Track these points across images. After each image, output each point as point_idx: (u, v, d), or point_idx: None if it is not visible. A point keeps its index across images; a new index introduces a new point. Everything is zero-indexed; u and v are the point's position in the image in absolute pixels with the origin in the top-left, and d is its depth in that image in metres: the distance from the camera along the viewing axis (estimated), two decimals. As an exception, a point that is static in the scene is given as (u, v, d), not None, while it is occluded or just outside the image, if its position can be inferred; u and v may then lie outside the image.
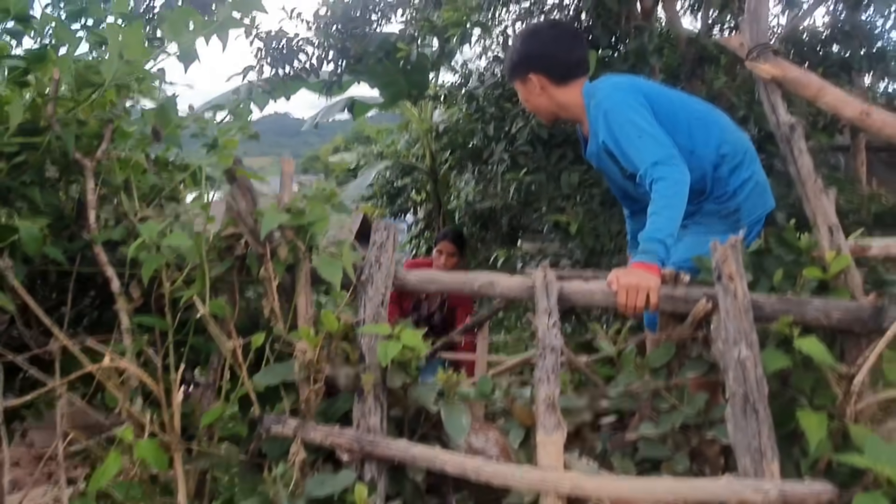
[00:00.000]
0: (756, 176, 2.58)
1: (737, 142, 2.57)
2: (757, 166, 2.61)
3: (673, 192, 2.30)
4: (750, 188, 2.56)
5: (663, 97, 2.58)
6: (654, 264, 2.19)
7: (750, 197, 2.56)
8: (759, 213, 2.59)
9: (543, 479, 1.84)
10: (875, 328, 1.99)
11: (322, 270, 2.10)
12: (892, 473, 1.67)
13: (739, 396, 1.87)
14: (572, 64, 2.65)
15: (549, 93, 2.67)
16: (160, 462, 1.95)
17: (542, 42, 2.70)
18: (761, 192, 2.60)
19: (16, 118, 2.06)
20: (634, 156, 2.42)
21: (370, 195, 9.20)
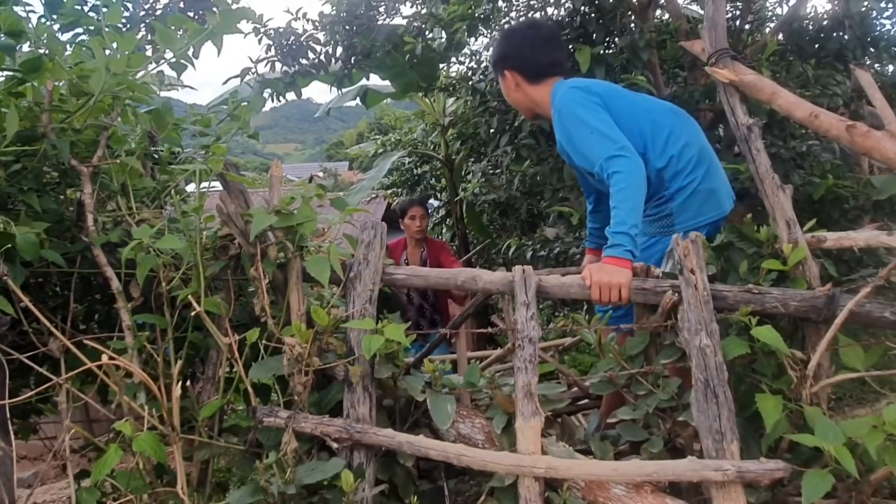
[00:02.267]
0: (697, 184, 2.57)
1: (685, 148, 2.59)
2: (701, 174, 2.58)
3: (629, 183, 2.37)
4: (686, 196, 2.56)
5: (619, 99, 2.64)
6: (624, 258, 2.28)
7: (685, 204, 2.57)
8: (699, 220, 2.57)
9: (520, 463, 1.95)
10: (830, 316, 2.09)
11: (311, 269, 2.19)
12: (837, 451, 1.78)
13: (701, 382, 1.98)
14: (546, 63, 2.74)
15: (524, 90, 2.77)
16: (159, 454, 2.04)
17: (518, 42, 2.81)
18: (702, 201, 2.58)
19: (12, 127, 2.12)
20: (588, 153, 2.51)
21: (391, 183, 9.32)
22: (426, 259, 5.19)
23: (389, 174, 8.95)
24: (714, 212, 2.61)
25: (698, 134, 2.70)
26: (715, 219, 2.62)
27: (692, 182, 2.56)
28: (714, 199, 2.62)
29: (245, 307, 2.43)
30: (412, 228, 5.17)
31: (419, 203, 5.33)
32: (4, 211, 2.28)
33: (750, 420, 2.13)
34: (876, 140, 2.19)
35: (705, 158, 2.63)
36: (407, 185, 9.13)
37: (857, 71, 2.38)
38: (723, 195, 2.66)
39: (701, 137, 2.70)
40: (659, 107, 2.74)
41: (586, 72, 3.92)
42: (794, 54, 4.93)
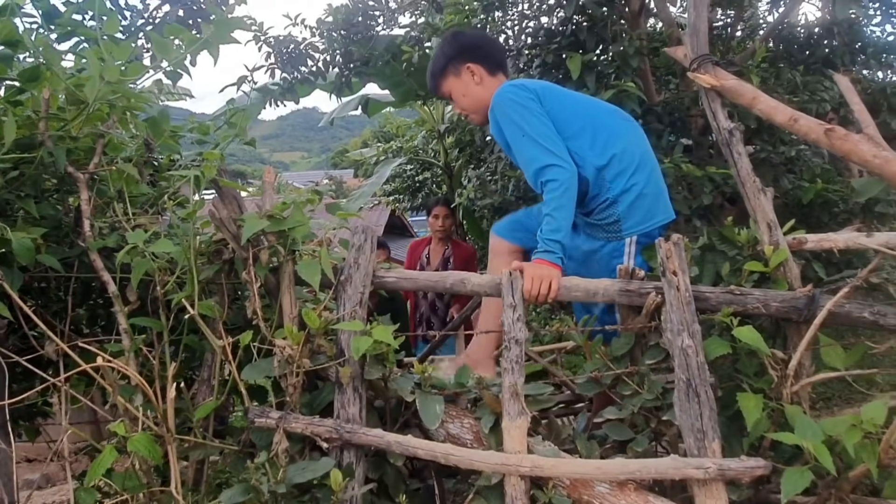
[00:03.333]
0: (642, 188, 2.56)
1: (627, 149, 2.58)
2: (644, 178, 2.57)
3: (562, 193, 2.41)
4: (631, 199, 2.55)
5: (558, 100, 2.63)
6: (556, 264, 2.35)
7: (631, 209, 2.55)
8: (647, 225, 2.58)
9: (506, 462, 1.96)
10: (810, 316, 2.11)
11: (302, 272, 2.21)
12: (815, 448, 1.79)
13: (683, 382, 1.99)
14: (501, 61, 2.82)
15: (485, 83, 2.79)
16: (154, 454, 2.05)
17: (473, 36, 2.90)
18: (648, 205, 2.58)
19: (10, 135, 2.14)
20: (519, 156, 2.55)
21: (393, 190, 9.36)
22: (449, 258, 5.24)
23: (391, 181, 9.00)
24: (662, 215, 2.61)
25: (641, 138, 2.70)
26: (664, 222, 2.61)
27: (636, 185, 2.55)
28: (661, 203, 2.62)
29: (239, 310, 2.44)
30: (435, 227, 5.32)
31: (444, 203, 5.45)
32: (3, 217, 2.29)
33: (732, 419, 2.15)
34: (854, 143, 2.21)
35: (648, 162, 2.62)
36: (409, 192, 9.19)
37: (836, 76, 2.40)
38: (668, 200, 2.66)
39: (644, 143, 2.68)
40: (602, 107, 2.75)
41: (577, 79, 3.95)
42: (783, 61, 4.95)
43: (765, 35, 5.04)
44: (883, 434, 1.84)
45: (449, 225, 5.39)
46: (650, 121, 4.38)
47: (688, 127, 4.53)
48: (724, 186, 4.10)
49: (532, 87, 2.62)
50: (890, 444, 1.84)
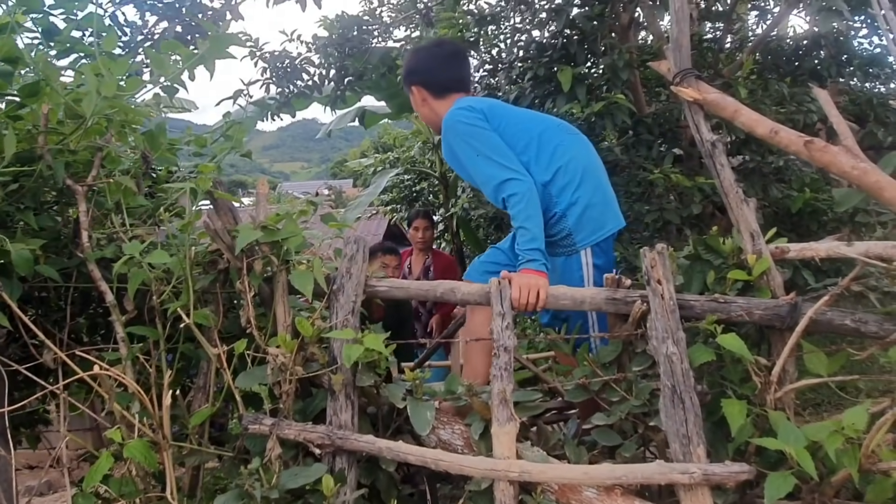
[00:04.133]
0: (588, 199, 2.59)
1: (572, 161, 2.61)
2: (590, 190, 2.60)
3: (526, 204, 2.46)
4: (579, 212, 2.58)
5: (504, 118, 2.67)
6: (541, 271, 2.39)
7: (582, 220, 2.59)
8: (599, 234, 2.62)
9: (494, 467, 1.97)
10: (793, 324, 2.12)
11: (295, 282, 2.23)
12: (797, 453, 1.80)
13: (668, 388, 2.00)
14: (449, 79, 2.82)
15: (430, 104, 2.84)
16: (149, 460, 2.06)
17: (422, 59, 2.91)
18: (597, 216, 2.61)
19: (10, 149, 2.16)
20: (477, 177, 2.59)
21: (390, 200, 9.39)
22: (429, 267, 5.30)
23: (388, 191, 9.02)
24: (612, 224, 2.65)
25: (587, 150, 2.71)
26: (614, 230, 2.65)
27: (581, 197, 2.58)
28: (611, 212, 2.66)
29: (234, 319, 2.46)
30: (416, 238, 5.41)
31: (423, 215, 5.54)
32: (3, 229, 2.31)
33: (718, 425, 2.15)
34: (833, 155, 2.22)
35: (593, 174, 2.64)
36: (406, 202, 9.21)
37: (815, 90, 2.42)
38: (617, 208, 2.69)
39: (589, 155, 2.71)
40: (548, 122, 2.77)
41: (568, 91, 3.98)
42: (771, 73, 4.99)
43: (752, 47, 5.07)
44: (864, 439, 1.85)
45: (429, 236, 5.47)
46: (640, 132, 4.41)
47: (678, 138, 4.56)
48: (713, 196, 4.13)
49: (479, 107, 2.65)
50: (871, 450, 1.85)
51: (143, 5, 4.41)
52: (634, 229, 4.42)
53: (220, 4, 4.67)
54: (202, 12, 4.59)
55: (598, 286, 2.50)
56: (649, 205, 4.24)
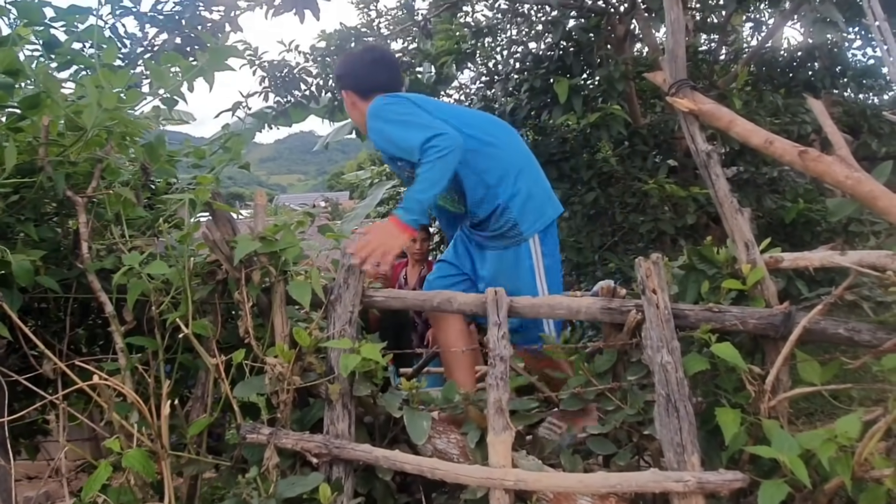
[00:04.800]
0: (528, 189, 2.63)
1: (507, 154, 2.65)
2: (530, 180, 2.65)
3: (438, 156, 2.40)
4: (521, 202, 2.61)
5: (437, 108, 2.67)
6: (410, 225, 2.42)
7: (525, 210, 2.62)
8: (543, 221, 2.65)
9: (490, 476, 1.96)
10: (787, 333, 2.12)
11: (293, 292, 2.22)
12: (791, 461, 1.80)
13: (663, 397, 2.00)
14: (375, 84, 2.83)
15: (359, 107, 2.85)
16: (148, 470, 2.05)
17: (350, 64, 2.96)
18: (537, 205, 2.65)
19: (11, 161, 2.16)
20: (404, 143, 2.53)
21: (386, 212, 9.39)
22: (424, 277, 5.28)
23: (385, 203, 9.02)
24: (552, 211, 2.69)
25: (519, 143, 2.78)
26: (556, 216, 2.70)
27: (523, 187, 2.60)
28: (550, 199, 2.69)
29: (233, 329, 2.45)
30: (412, 250, 5.30)
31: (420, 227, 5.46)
32: (3, 240, 2.31)
33: (712, 433, 2.14)
34: (827, 165, 2.22)
35: (530, 165, 2.69)
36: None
37: (810, 101, 2.42)
38: (554, 196, 2.74)
39: (522, 147, 2.77)
40: (481, 117, 2.82)
41: (565, 102, 3.99)
42: (765, 84, 5.01)
43: (747, 59, 5.09)
44: (857, 447, 1.85)
45: (426, 248, 5.42)
46: (636, 143, 4.43)
47: (673, 149, 4.57)
48: (707, 206, 4.13)
49: (410, 97, 2.71)
50: (864, 457, 1.85)
51: (143, 17, 4.42)
52: (629, 239, 4.42)
53: (219, 16, 4.69)
54: (202, 24, 4.60)
55: (549, 272, 2.58)
56: (644, 215, 4.25)
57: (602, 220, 4.67)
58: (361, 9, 6.12)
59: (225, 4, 4.67)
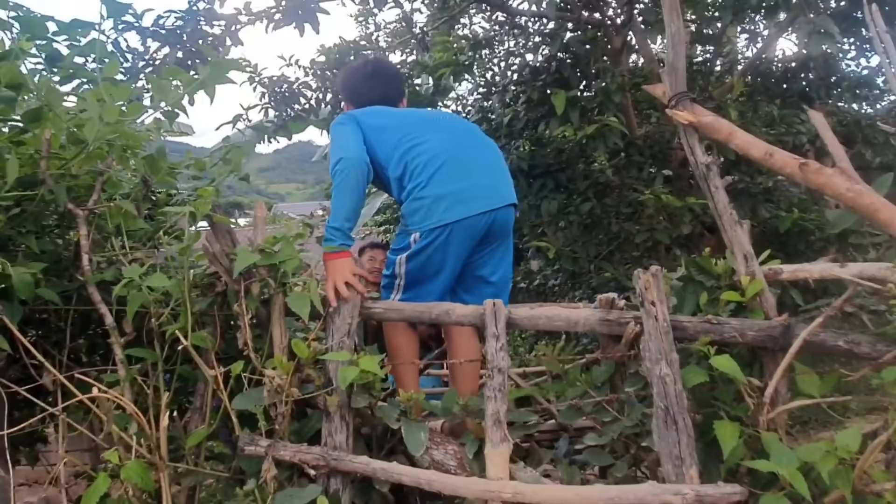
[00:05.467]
0: (420, 191, 2.55)
1: (418, 155, 2.58)
2: (424, 181, 2.55)
3: (340, 182, 2.49)
4: (409, 201, 2.58)
5: (376, 118, 2.71)
6: (338, 252, 2.42)
7: (410, 209, 2.58)
8: (427, 223, 2.53)
9: (488, 488, 1.92)
10: (786, 345, 2.08)
11: (292, 304, 2.19)
12: (790, 475, 1.76)
13: (661, 409, 1.96)
14: (370, 97, 2.87)
15: None
16: (146, 481, 2.02)
17: (348, 78, 3.04)
18: (426, 208, 2.54)
19: (12, 174, 2.14)
20: None
21: (383, 220, 9.37)
22: None
23: (382, 212, 9.00)
24: (450, 215, 2.53)
25: (442, 139, 2.65)
26: (456, 219, 2.53)
27: (415, 188, 2.56)
28: (444, 204, 2.54)
29: (232, 341, 2.41)
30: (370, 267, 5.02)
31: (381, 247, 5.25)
32: (5, 252, 2.28)
33: (711, 445, 2.10)
34: (828, 177, 2.19)
35: (434, 163, 2.57)
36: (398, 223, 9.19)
37: (810, 112, 2.39)
38: (466, 198, 2.55)
39: (444, 143, 2.63)
40: (416, 118, 2.78)
41: (561, 114, 3.96)
42: (761, 95, 4.99)
43: (743, 70, 5.07)
44: (857, 460, 1.81)
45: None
46: (631, 154, 4.40)
47: (668, 159, 4.54)
48: (703, 216, 4.10)
49: (355, 114, 2.74)
50: (864, 471, 1.81)
51: (145, 32, 4.41)
52: (625, 249, 4.40)
53: (220, 31, 4.69)
54: (203, 38, 4.59)
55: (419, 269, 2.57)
56: (639, 225, 4.22)
57: (598, 229, 4.66)
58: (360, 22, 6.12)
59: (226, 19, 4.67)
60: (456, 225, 2.53)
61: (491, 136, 4.99)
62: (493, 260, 2.72)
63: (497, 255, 2.73)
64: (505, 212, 2.63)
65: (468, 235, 2.56)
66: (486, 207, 2.56)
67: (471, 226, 2.55)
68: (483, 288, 2.70)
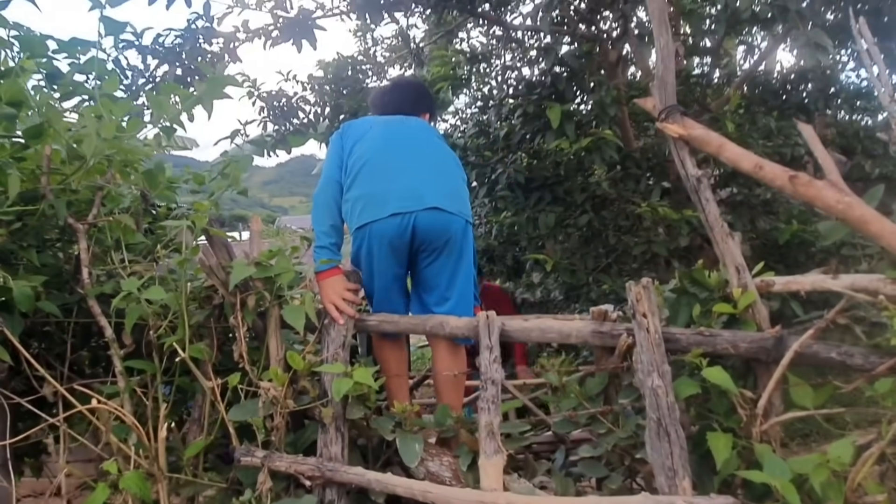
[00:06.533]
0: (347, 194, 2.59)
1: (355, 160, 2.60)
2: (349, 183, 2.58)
3: (315, 204, 2.65)
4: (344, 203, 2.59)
5: (360, 127, 2.77)
6: (325, 270, 2.48)
7: (345, 212, 2.59)
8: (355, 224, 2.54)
9: (482, 500, 1.92)
10: (779, 356, 2.07)
11: (287, 317, 2.20)
12: (782, 486, 1.75)
13: (654, 421, 1.95)
14: (384, 110, 2.93)
15: None
16: (144, 492, 2.02)
17: (373, 93, 3.18)
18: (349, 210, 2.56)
19: (14, 189, 2.16)
20: None
21: None
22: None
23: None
24: (364, 216, 2.52)
25: (372, 143, 2.66)
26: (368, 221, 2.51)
27: (346, 190, 2.60)
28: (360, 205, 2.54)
29: (228, 353, 2.42)
30: None
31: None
32: (6, 266, 2.30)
33: (704, 458, 2.09)
34: (818, 189, 2.18)
35: (357, 165, 2.59)
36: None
37: (800, 125, 2.39)
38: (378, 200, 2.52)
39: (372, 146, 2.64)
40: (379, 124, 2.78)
41: (557, 128, 3.97)
42: (758, 106, 4.98)
43: (739, 82, 5.06)
44: (850, 472, 1.80)
45: None
46: (629, 166, 4.40)
47: (666, 172, 4.54)
48: (700, 228, 4.09)
49: (345, 126, 2.82)
50: (857, 483, 1.80)
51: (145, 50, 4.45)
52: (623, 261, 4.39)
53: (218, 48, 4.73)
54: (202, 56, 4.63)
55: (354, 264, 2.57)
56: (637, 237, 4.21)
57: (595, 242, 4.65)
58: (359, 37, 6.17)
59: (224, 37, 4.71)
60: (371, 227, 2.50)
61: (489, 149, 5.06)
62: (445, 273, 2.59)
63: (447, 267, 2.59)
64: (429, 216, 2.49)
65: (385, 239, 2.49)
66: (399, 210, 2.47)
67: (384, 229, 2.48)
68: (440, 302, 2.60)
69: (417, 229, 2.48)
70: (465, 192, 2.69)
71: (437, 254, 2.55)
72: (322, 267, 2.46)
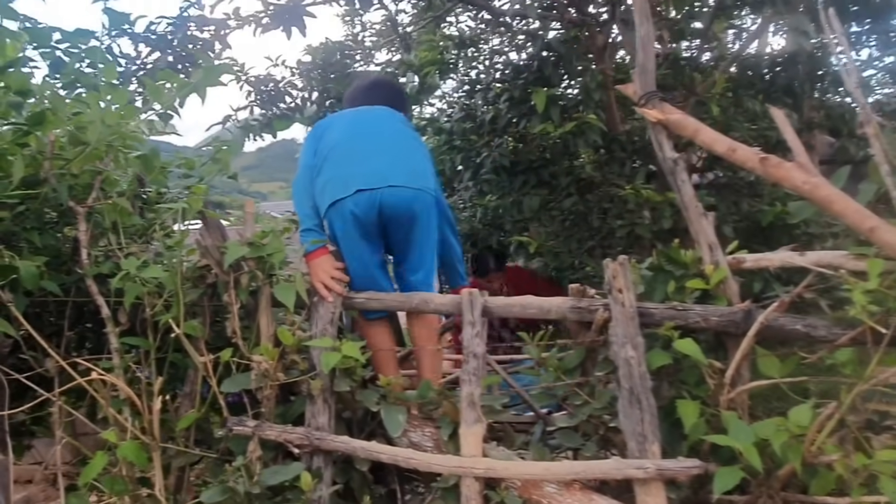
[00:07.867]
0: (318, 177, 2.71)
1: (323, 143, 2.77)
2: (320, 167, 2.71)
3: (293, 192, 2.80)
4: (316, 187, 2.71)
5: (330, 121, 2.94)
6: (312, 250, 2.60)
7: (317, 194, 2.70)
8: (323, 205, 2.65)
9: (461, 464, 2.05)
10: (747, 329, 2.19)
11: (278, 294, 2.32)
12: (745, 449, 1.88)
13: (626, 390, 2.07)
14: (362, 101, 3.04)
15: None
16: (140, 460, 2.15)
17: (352, 88, 3.28)
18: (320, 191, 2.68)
19: (18, 173, 2.27)
20: None
21: None
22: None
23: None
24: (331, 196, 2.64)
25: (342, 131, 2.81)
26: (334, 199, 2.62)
27: (318, 176, 2.72)
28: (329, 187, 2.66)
29: (221, 330, 2.54)
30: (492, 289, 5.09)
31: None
32: (9, 247, 2.40)
33: (675, 426, 2.22)
34: (786, 170, 2.30)
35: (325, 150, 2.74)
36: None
37: (772, 110, 2.49)
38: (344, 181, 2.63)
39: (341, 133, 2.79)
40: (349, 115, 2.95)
41: (542, 112, 4.07)
42: (744, 89, 5.03)
43: (725, 65, 5.10)
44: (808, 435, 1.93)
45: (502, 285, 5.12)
46: (614, 150, 4.49)
47: (651, 155, 4.61)
48: (683, 210, 4.18)
49: (322, 122, 2.96)
50: (816, 445, 1.93)
51: (137, 37, 4.53)
52: (607, 244, 4.48)
53: (209, 36, 4.81)
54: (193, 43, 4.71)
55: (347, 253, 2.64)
56: (621, 220, 4.31)
57: (580, 225, 4.73)
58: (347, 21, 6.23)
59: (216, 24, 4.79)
60: (338, 204, 2.61)
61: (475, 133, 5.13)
62: (416, 244, 2.73)
63: (417, 239, 2.72)
64: (394, 192, 2.60)
65: (352, 215, 2.59)
66: (364, 186, 2.58)
67: (350, 205, 2.58)
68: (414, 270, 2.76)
69: (384, 206, 2.59)
70: (430, 168, 2.84)
71: (408, 228, 2.68)
72: (311, 248, 2.57)
